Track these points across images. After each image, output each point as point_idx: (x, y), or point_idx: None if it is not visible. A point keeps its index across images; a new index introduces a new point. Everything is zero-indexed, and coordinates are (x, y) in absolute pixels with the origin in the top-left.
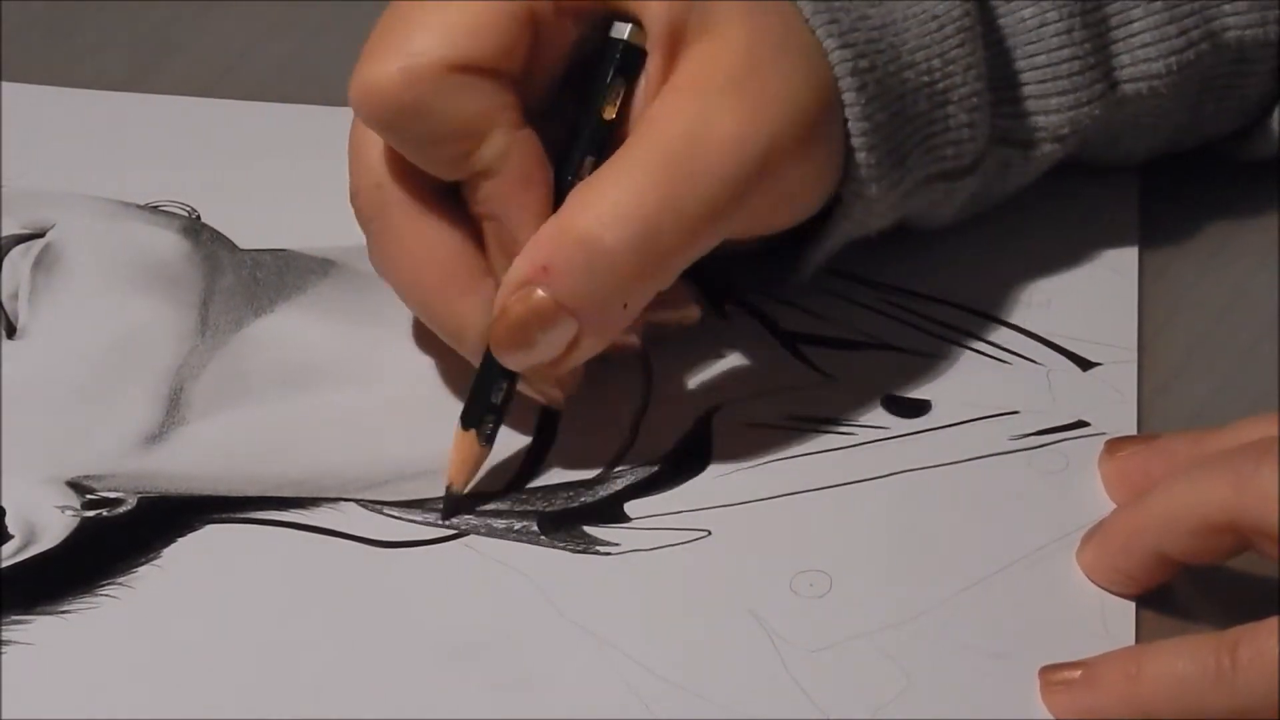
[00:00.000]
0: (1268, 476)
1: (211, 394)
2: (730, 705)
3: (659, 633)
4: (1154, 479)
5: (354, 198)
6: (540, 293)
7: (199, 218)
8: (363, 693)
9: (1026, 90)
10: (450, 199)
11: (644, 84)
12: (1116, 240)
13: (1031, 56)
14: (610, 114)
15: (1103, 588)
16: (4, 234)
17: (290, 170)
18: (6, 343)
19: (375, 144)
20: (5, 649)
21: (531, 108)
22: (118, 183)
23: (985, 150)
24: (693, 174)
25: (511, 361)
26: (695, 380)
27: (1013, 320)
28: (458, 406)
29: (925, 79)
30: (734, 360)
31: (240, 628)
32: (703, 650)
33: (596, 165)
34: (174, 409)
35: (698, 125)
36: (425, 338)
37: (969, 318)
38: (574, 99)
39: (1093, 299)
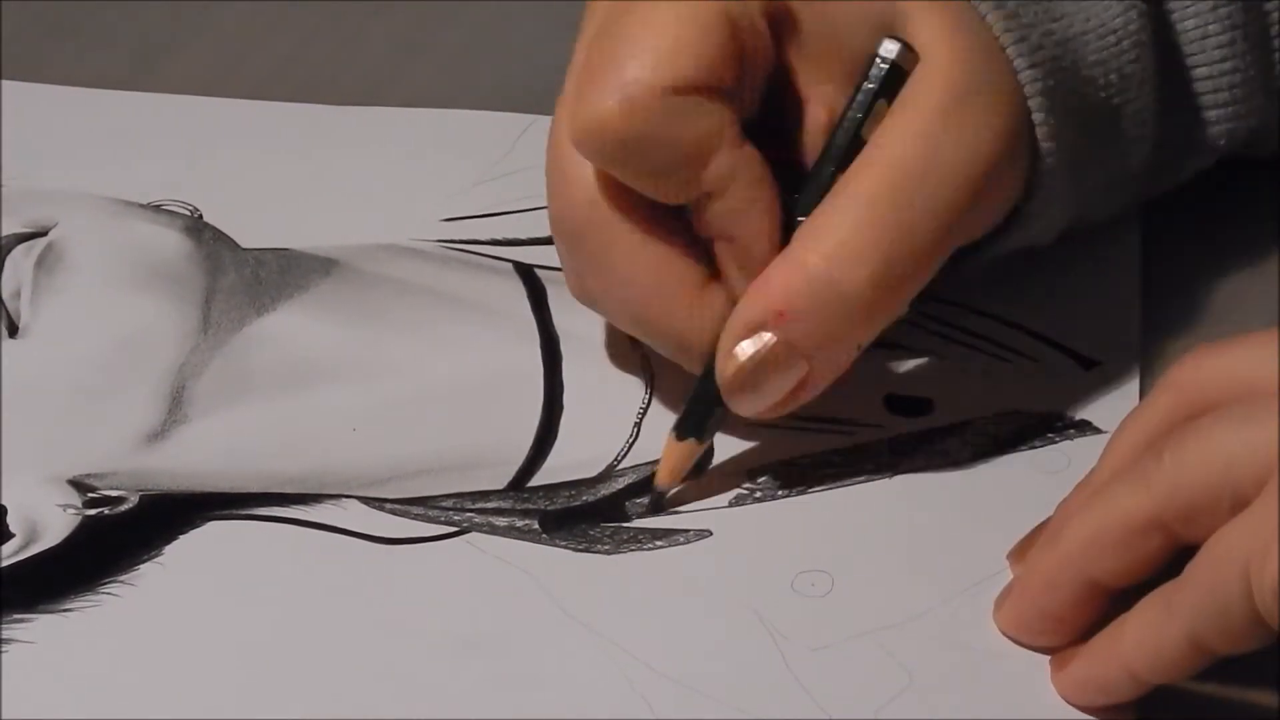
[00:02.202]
0: (1170, 465)
1: (213, 392)
2: (732, 703)
3: (661, 631)
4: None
5: (561, 219)
6: (772, 337)
7: (201, 217)
8: (364, 690)
9: (1188, 101)
10: (664, 210)
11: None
12: (1119, 238)
13: (1194, 68)
14: (868, 134)
15: (1026, 645)
16: (6, 233)
17: (293, 169)
18: (8, 341)
19: (583, 162)
20: (7, 647)
21: (744, 122)
22: (120, 181)
23: (1153, 151)
24: (921, 206)
25: (739, 405)
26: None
27: (1014, 319)
28: (459, 405)
29: (1102, 94)
30: None
31: (242, 625)
32: (705, 649)
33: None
34: (176, 407)
35: (922, 154)
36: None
37: (971, 316)
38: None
39: (1095, 297)
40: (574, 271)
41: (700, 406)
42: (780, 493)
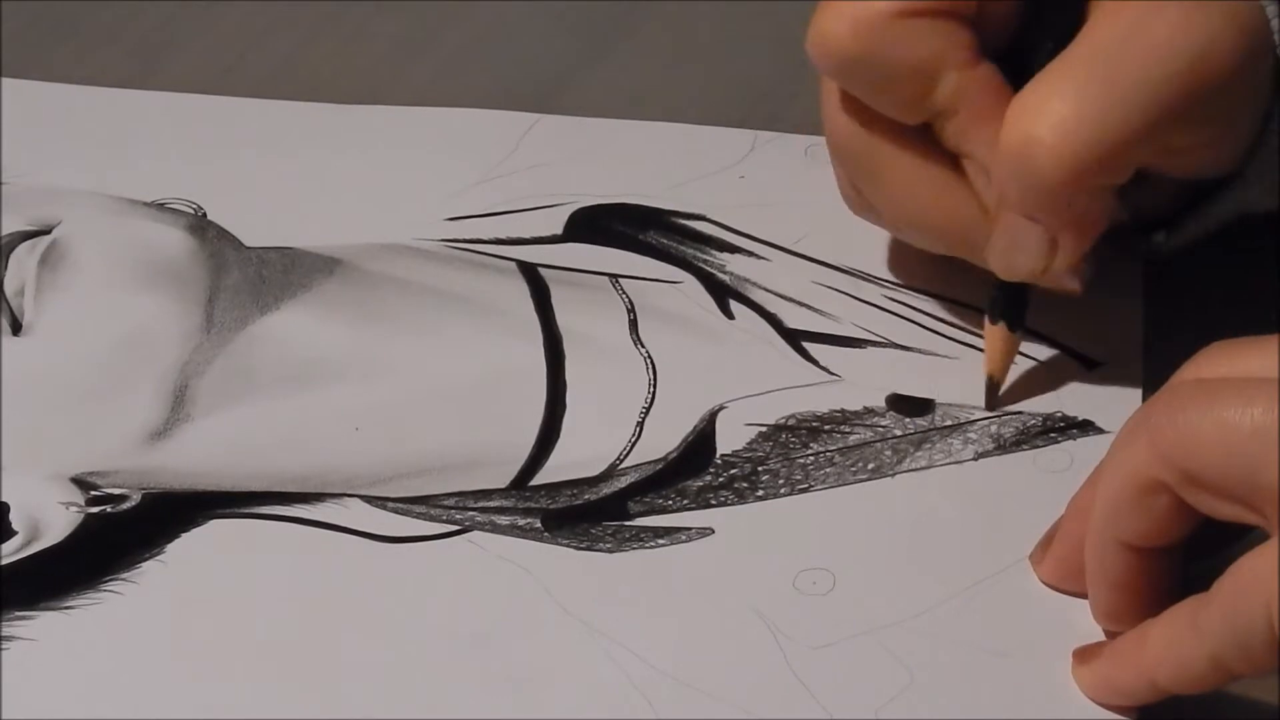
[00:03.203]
0: (1181, 422)
1: (216, 391)
2: (733, 702)
3: (663, 629)
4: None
5: (830, 137)
6: (1002, 203)
7: (205, 215)
8: (366, 688)
9: None
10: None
11: None
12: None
13: None
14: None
15: (1068, 591)
16: (10, 230)
17: (297, 168)
18: (12, 339)
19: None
20: (8, 645)
21: (993, 42)
22: (124, 179)
23: None
24: (1126, 77)
25: (1005, 270)
26: (700, 378)
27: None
28: (461, 404)
29: None
30: (738, 358)
31: (244, 623)
32: (706, 647)
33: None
34: (179, 405)
35: (1133, 30)
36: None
37: (973, 316)
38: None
39: (1097, 297)
40: (851, 186)
41: (1003, 291)
42: (782, 492)
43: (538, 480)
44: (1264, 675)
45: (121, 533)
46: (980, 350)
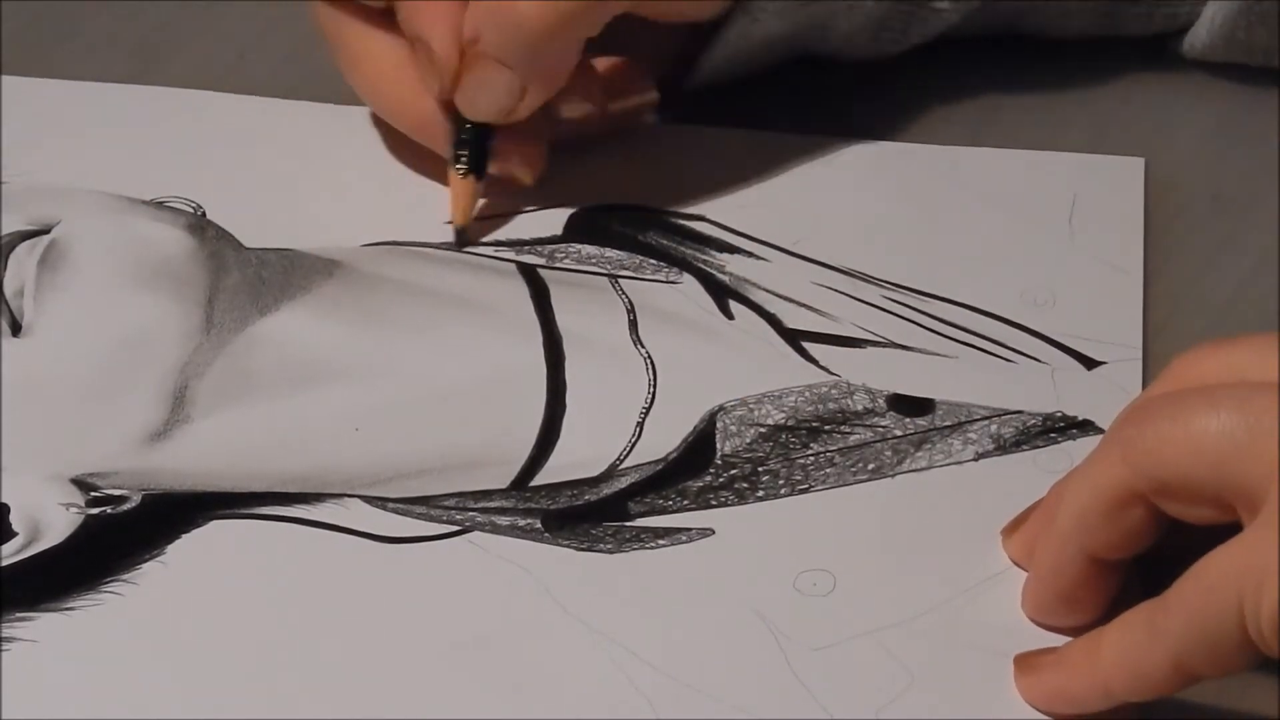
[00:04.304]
0: (1151, 433)
1: (216, 391)
2: (733, 703)
3: (663, 630)
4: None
5: (318, 25)
6: (477, 50)
7: (204, 214)
8: (367, 688)
9: None
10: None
11: None
12: (1121, 238)
13: None
14: None
15: (1057, 630)
16: (9, 230)
17: (296, 169)
18: (12, 340)
19: None
20: (9, 646)
21: None
22: (123, 178)
23: None
24: None
25: (473, 110)
26: (700, 379)
27: (1017, 319)
28: (461, 404)
29: None
30: (738, 359)
31: (244, 624)
32: (706, 648)
33: None
34: (179, 406)
35: None
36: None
37: (973, 316)
38: None
39: (1097, 297)
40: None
41: (457, 143)
42: (782, 492)
43: (538, 481)
44: (1229, 675)
45: (122, 534)
46: (982, 350)
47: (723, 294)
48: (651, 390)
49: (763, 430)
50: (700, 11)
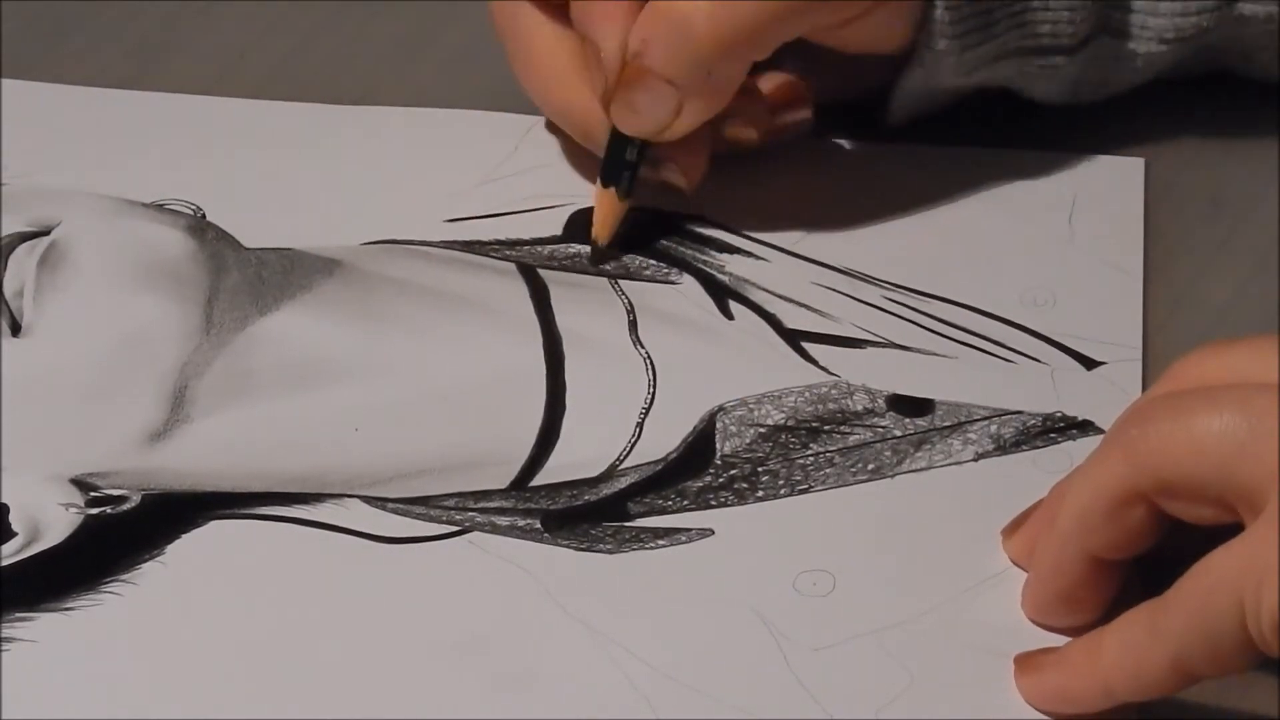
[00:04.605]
0: (1153, 433)
1: (216, 392)
2: (733, 703)
3: (662, 630)
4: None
5: (492, 11)
6: (642, 62)
7: (204, 216)
8: (366, 689)
9: None
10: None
11: None
12: (1121, 238)
13: None
14: None
15: (1056, 629)
16: (9, 231)
17: (296, 169)
18: (11, 340)
19: None
20: (8, 646)
21: None
22: (123, 180)
23: (1089, 36)
24: None
25: (627, 124)
26: (699, 379)
27: (1017, 319)
28: (461, 405)
29: None
30: (738, 359)
31: (244, 624)
32: (706, 648)
33: None
34: (178, 407)
35: None
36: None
37: (973, 316)
38: None
39: (1097, 298)
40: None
41: (614, 157)
42: (782, 492)
43: (538, 481)
44: (1229, 675)
45: (121, 534)
46: (982, 350)
47: (722, 294)
48: (651, 390)
49: (762, 430)
50: (881, 46)
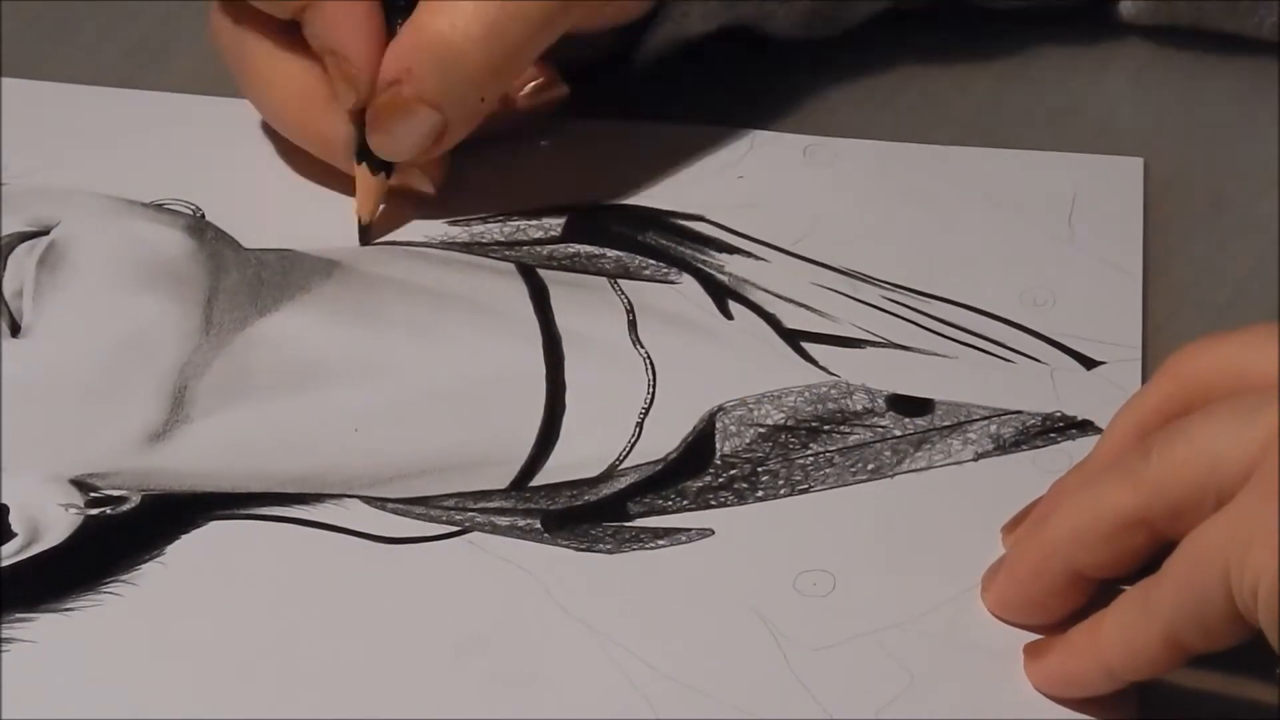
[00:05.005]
0: (1156, 464)
1: (216, 392)
2: (733, 703)
3: (662, 631)
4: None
5: (213, 35)
6: (405, 90)
7: (203, 216)
8: (366, 689)
9: None
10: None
11: None
12: (1121, 238)
13: None
14: None
15: (1012, 623)
16: (8, 231)
17: (297, 168)
18: (11, 340)
19: None
20: (8, 647)
21: None
22: (122, 180)
23: None
24: None
25: (387, 151)
26: (699, 379)
27: (1016, 319)
28: (461, 405)
29: None
30: (738, 359)
31: (244, 624)
32: (706, 648)
33: None
34: (178, 407)
35: None
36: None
37: (973, 316)
38: None
39: (1097, 297)
40: (237, 83)
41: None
42: (782, 492)
43: (537, 481)
44: (1220, 649)
45: (121, 534)
46: (981, 350)
47: (722, 294)
48: (651, 390)
49: (762, 430)
50: (629, 17)
